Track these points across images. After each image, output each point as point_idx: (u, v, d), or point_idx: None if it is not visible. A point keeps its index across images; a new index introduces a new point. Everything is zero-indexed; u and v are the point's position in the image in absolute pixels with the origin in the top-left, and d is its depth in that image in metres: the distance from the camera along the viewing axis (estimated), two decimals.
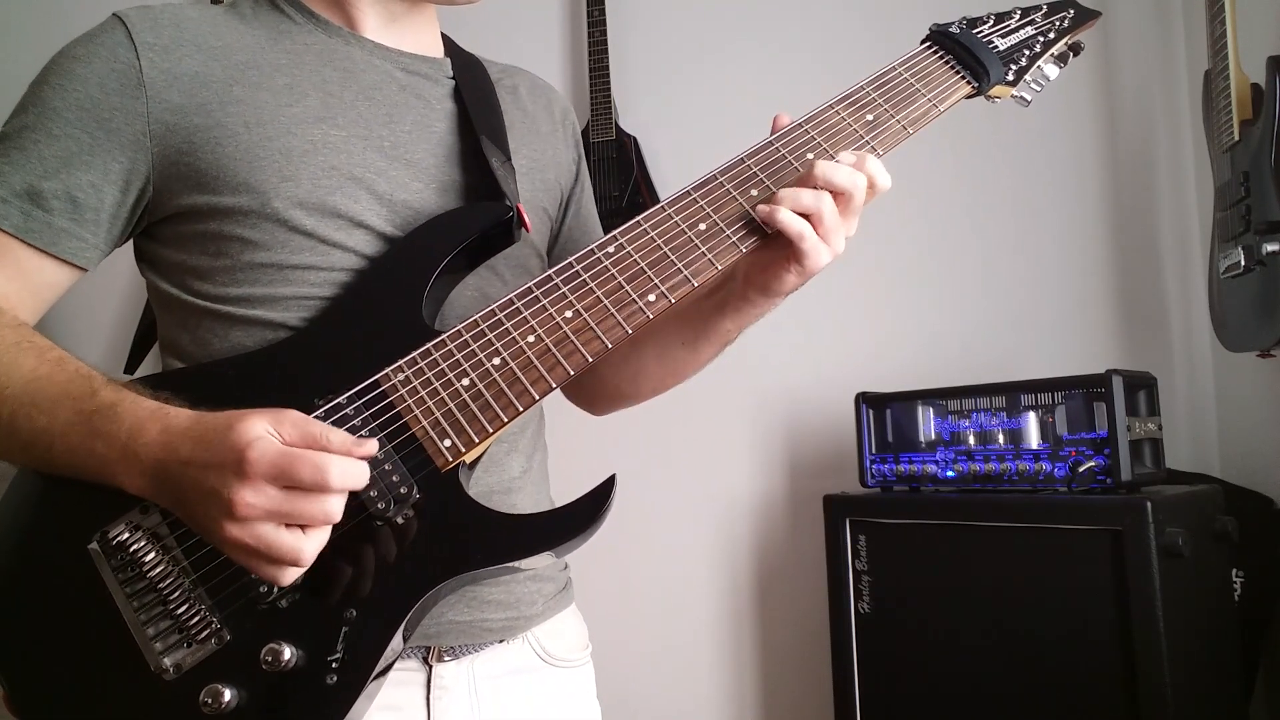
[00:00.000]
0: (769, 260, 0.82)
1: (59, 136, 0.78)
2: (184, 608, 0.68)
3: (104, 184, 0.79)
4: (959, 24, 0.92)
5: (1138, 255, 2.02)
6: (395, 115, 0.87)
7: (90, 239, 0.80)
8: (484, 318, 0.77)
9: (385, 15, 0.90)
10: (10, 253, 0.78)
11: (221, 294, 0.81)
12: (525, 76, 1.03)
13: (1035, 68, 0.92)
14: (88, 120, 0.78)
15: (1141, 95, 2.05)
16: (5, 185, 0.77)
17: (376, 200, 0.83)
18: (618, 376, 1.01)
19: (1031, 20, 0.94)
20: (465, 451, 0.73)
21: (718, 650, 2.18)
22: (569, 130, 1.05)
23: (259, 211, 0.79)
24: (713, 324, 0.91)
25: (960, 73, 0.89)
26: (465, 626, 0.84)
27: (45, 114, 0.78)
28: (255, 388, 0.76)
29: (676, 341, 0.95)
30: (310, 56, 0.86)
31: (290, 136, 0.80)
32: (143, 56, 0.79)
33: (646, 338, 0.94)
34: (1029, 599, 1.46)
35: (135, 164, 0.79)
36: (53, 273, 0.80)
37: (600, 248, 0.80)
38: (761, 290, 0.85)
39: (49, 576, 0.71)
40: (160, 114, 0.79)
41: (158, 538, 0.70)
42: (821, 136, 0.84)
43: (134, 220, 0.83)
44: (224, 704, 0.66)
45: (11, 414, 0.71)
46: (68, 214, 0.78)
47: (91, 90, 0.78)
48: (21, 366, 0.73)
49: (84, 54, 0.79)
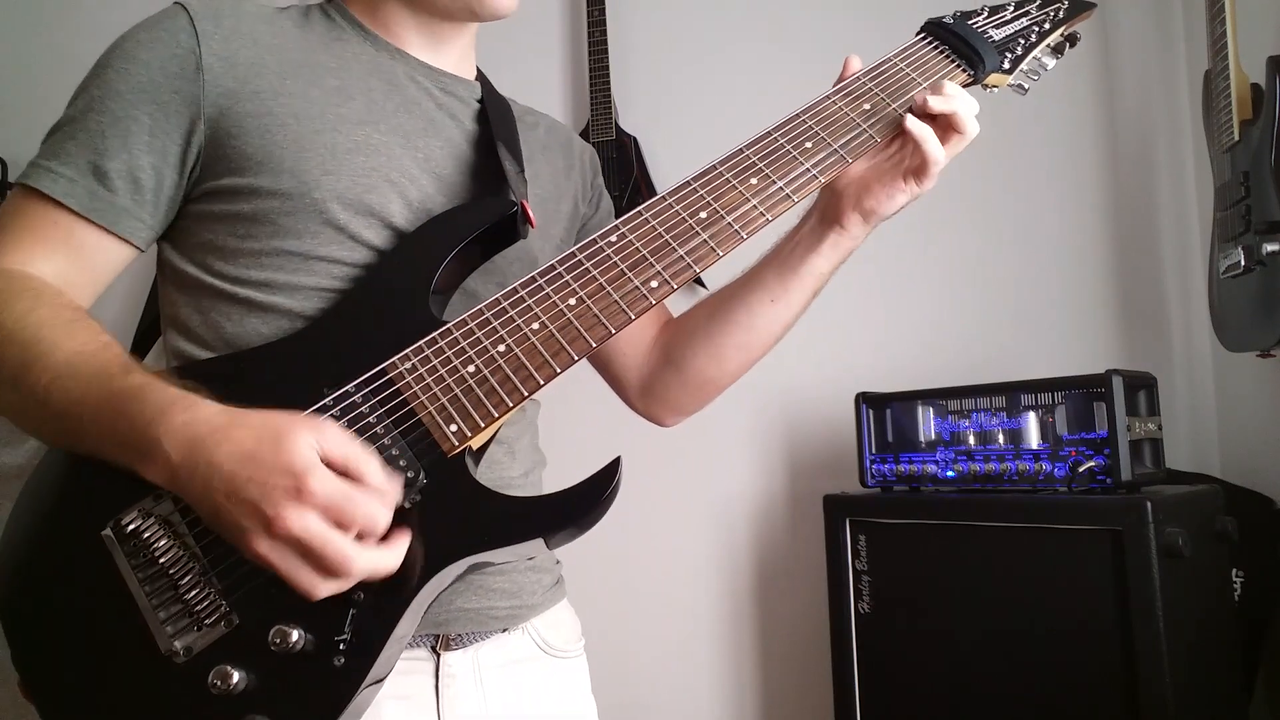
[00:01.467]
0: (880, 178, 0.87)
1: (121, 118, 0.80)
2: (194, 592, 0.69)
3: (163, 165, 0.81)
4: (953, 16, 0.93)
5: (1138, 255, 2.03)
6: (431, 130, 0.90)
7: (148, 219, 0.82)
8: (489, 307, 0.78)
9: (429, 36, 0.93)
10: (76, 234, 0.80)
11: (243, 276, 0.82)
12: (546, 118, 1.06)
13: (1031, 57, 0.93)
14: (148, 103, 0.80)
15: (1141, 95, 2.05)
16: (71, 165, 0.79)
17: (406, 206, 0.85)
18: (702, 359, 1.00)
19: (1026, 12, 0.95)
20: (471, 436, 0.73)
21: (717, 650, 2.18)
22: (587, 165, 1.07)
23: (299, 199, 0.81)
24: (806, 268, 0.93)
25: (956, 61, 0.90)
26: (473, 614, 0.85)
27: (109, 95, 0.80)
28: (266, 377, 0.77)
29: (765, 299, 0.95)
30: (359, 65, 0.89)
31: (336, 134, 0.83)
32: (203, 43, 0.81)
33: (730, 306, 0.96)
34: (1029, 599, 1.46)
35: (190, 145, 0.81)
36: (115, 252, 0.82)
37: (603, 236, 0.81)
38: (867, 214, 0.89)
39: (64, 563, 0.72)
40: (215, 98, 0.81)
41: (169, 524, 0.71)
42: (819, 126, 0.85)
43: (180, 199, 0.84)
44: (232, 685, 0.67)
45: (50, 381, 0.72)
46: (130, 193, 0.80)
47: (154, 74, 0.80)
48: (72, 340, 0.74)
49: (147, 39, 0.81)
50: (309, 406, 0.73)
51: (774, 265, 0.95)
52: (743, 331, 0.97)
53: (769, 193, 0.82)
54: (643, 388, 1.05)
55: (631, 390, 1.06)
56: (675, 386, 1.03)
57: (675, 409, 1.07)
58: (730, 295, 0.98)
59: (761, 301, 0.95)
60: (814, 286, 0.95)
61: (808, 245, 0.93)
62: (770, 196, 0.82)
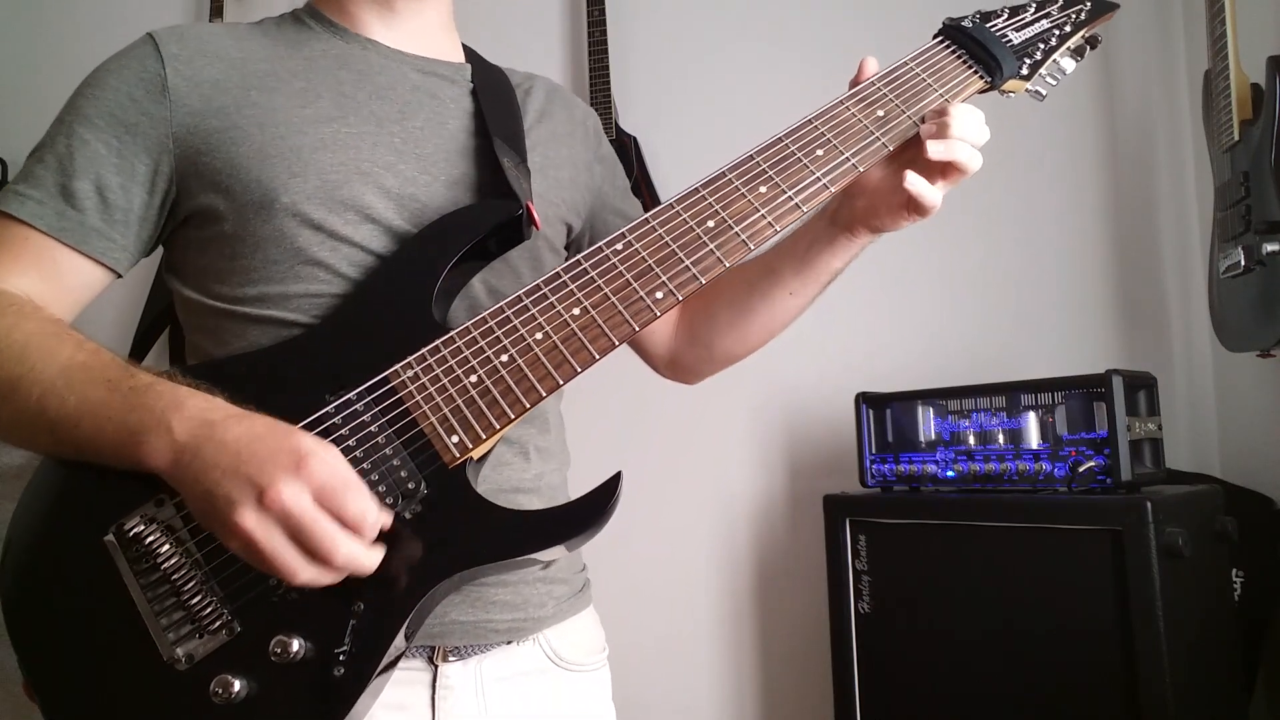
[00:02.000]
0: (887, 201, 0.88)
1: (89, 141, 0.82)
2: (196, 599, 0.69)
3: (131, 185, 0.82)
4: (972, 18, 0.91)
5: (1138, 255, 2.03)
6: (407, 112, 0.89)
7: (119, 239, 0.83)
8: (492, 315, 0.77)
9: (391, 15, 0.92)
10: (46, 253, 0.81)
11: (238, 294, 0.83)
12: (546, 81, 1.05)
13: (1051, 61, 0.91)
14: (116, 125, 0.82)
15: (1141, 95, 2.05)
16: (40, 187, 0.82)
17: (385, 195, 0.84)
18: (726, 341, 1.05)
19: (1047, 14, 0.93)
20: (472, 448, 0.73)
21: (717, 650, 2.18)
22: (590, 130, 1.06)
23: (269, 208, 0.81)
24: (823, 265, 0.95)
25: (973, 67, 0.88)
26: (470, 627, 0.84)
27: (78, 120, 0.83)
28: (266, 384, 0.77)
29: (784, 293, 0.98)
30: (327, 61, 0.89)
31: (301, 135, 0.83)
32: (168, 66, 0.83)
33: (751, 295, 1.00)
34: (1029, 599, 1.46)
35: (160, 165, 0.83)
36: (87, 273, 0.83)
37: (609, 244, 0.80)
38: (874, 230, 0.91)
39: (67, 569, 0.72)
40: (182, 118, 0.82)
41: (171, 530, 0.71)
42: (831, 132, 0.84)
43: (161, 223, 0.86)
44: (234, 694, 0.67)
45: (42, 394, 0.73)
46: (99, 213, 0.82)
47: (121, 98, 0.82)
48: (59, 353, 0.74)
49: (116, 67, 0.84)
50: (310, 413, 0.73)
51: (791, 262, 0.96)
52: (764, 318, 1.02)
53: (778, 202, 0.81)
54: (670, 361, 1.11)
55: (659, 363, 1.12)
56: (703, 361, 1.09)
57: (701, 375, 1.12)
58: (750, 288, 1.00)
59: (780, 296, 0.99)
60: (828, 280, 0.98)
61: (822, 245, 0.94)
62: (779, 206, 0.81)
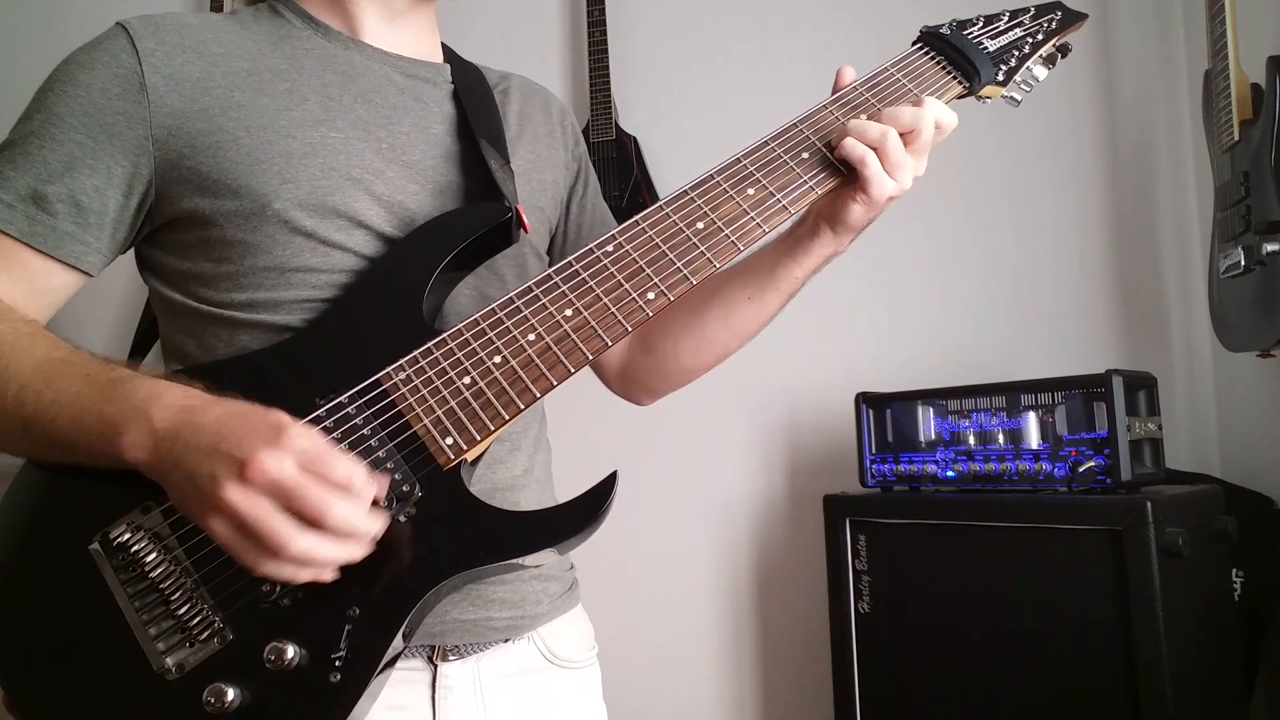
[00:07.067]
0: (838, 193, 0.84)
1: (63, 141, 0.78)
2: (186, 607, 0.68)
3: (107, 188, 0.79)
4: (949, 25, 0.93)
5: (1138, 255, 2.02)
6: (394, 117, 0.88)
7: (94, 243, 0.80)
8: (484, 317, 0.77)
9: (385, 15, 0.91)
10: (16, 257, 0.78)
11: (226, 300, 0.81)
12: (521, 80, 1.04)
13: (1024, 68, 0.93)
14: (91, 125, 0.78)
15: (1141, 95, 2.05)
16: (10, 190, 0.78)
17: (375, 201, 0.83)
18: (679, 350, 1.00)
19: (1019, 22, 0.95)
20: (467, 449, 0.73)
21: (717, 650, 2.18)
22: (567, 129, 1.05)
23: (260, 214, 0.79)
24: (781, 272, 0.92)
25: (951, 73, 0.90)
26: (470, 625, 0.84)
27: (50, 120, 0.79)
28: (257, 387, 0.75)
29: (742, 297, 0.95)
30: (310, 61, 0.87)
31: (290, 140, 0.81)
32: (145, 62, 0.79)
33: (710, 300, 0.96)
34: (1029, 599, 1.46)
35: (138, 168, 0.80)
36: (58, 277, 0.80)
37: (599, 247, 0.81)
38: (832, 224, 0.86)
39: (50, 578, 0.71)
40: (162, 118, 0.79)
41: (159, 538, 0.69)
42: (815, 135, 0.85)
43: (137, 225, 0.83)
44: (227, 703, 0.65)
45: (19, 389, 0.71)
46: (72, 217, 0.79)
47: (95, 96, 0.79)
48: (34, 352, 0.73)
49: (88, 61, 0.80)
50: (300, 418, 0.71)
51: (755, 263, 0.93)
52: (719, 325, 0.97)
53: (766, 204, 0.82)
54: (621, 373, 1.07)
55: (610, 374, 1.08)
56: (653, 374, 1.04)
57: (651, 392, 1.08)
58: (709, 293, 0.97)
59: (738, 300, 0.95)
60: (788, 291, 0.94)
61: (785, 249, 0.91)
62: (767, 208, 0.82)
